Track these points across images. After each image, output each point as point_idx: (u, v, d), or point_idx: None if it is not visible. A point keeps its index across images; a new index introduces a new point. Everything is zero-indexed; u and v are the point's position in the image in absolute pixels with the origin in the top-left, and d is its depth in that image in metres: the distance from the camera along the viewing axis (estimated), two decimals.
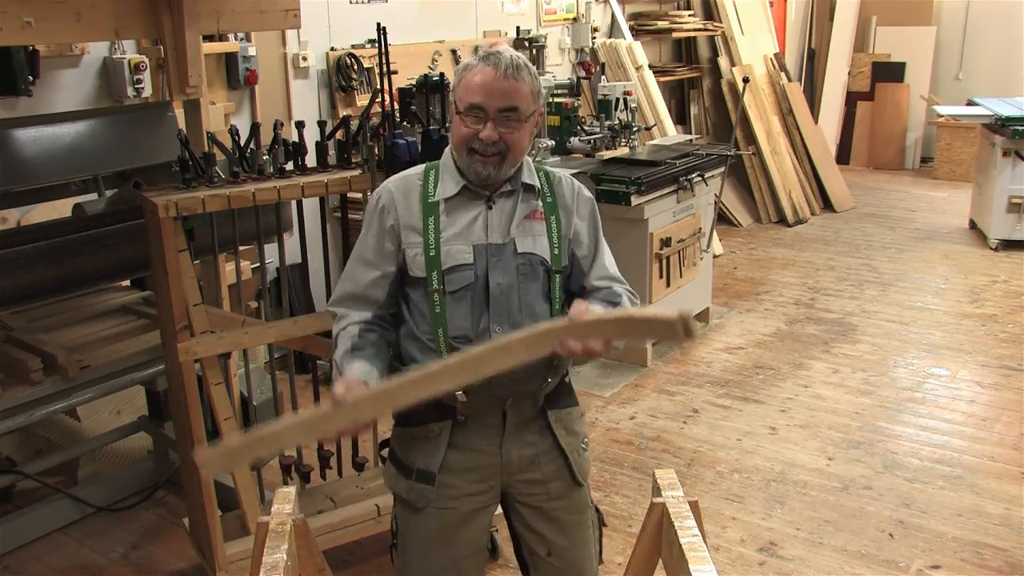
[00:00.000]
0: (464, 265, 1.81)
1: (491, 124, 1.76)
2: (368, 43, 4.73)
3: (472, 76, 1.78)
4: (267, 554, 1.57)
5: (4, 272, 2.66)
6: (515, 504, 1.93)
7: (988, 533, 3.03)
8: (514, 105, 1.77)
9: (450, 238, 1.82)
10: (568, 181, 1.95)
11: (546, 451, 1.90)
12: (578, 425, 1.97)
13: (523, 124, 1.80)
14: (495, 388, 1.79)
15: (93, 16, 2.56)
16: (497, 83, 1.75)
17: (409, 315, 1.87)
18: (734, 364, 4.49)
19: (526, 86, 1.78)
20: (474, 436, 1.86)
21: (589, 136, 4.74)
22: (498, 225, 1.85)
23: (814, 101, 8.81)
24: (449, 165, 1.88)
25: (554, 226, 1.88)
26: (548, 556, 1.93)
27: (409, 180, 1.90)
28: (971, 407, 3.97)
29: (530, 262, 1.84)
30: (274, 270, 3.66)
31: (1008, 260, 6.08)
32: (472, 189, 1.85)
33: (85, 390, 2.90)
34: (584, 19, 6.44)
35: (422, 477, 1.86)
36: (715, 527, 3.07)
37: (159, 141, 3.27)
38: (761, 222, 7.23)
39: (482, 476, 1.87)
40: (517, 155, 1.82)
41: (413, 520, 1.90)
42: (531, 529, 1.93)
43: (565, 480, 1.92)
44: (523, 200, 1.88)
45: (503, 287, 1.81)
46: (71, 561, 2.99)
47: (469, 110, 1.77)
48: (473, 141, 1.78)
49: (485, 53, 1.80)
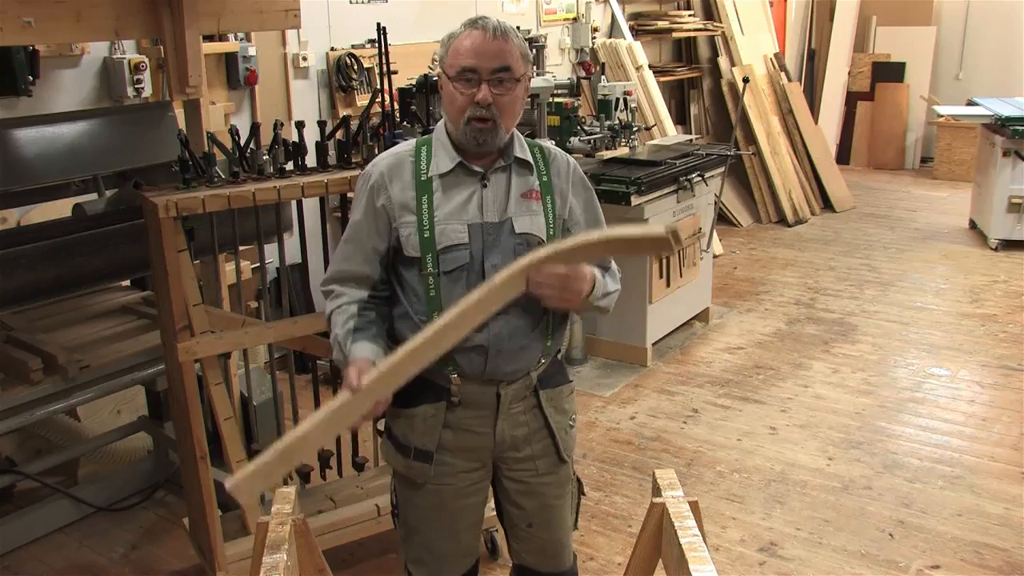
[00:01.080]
0: (459, 245, 1.80)
1: (485, 86, 1.76)
2: (368, 43, 4.73)
3: (461, 41, 1.78)
4: (267, 554, 1.57)
5: (4, 272, 2.66)
6: (502, 478, 1.98)
7: (988, 533, 3.03)
8: (506, 64, 1.77)
9: (444, 217, 1.81)
10: (563, 157, 1.96)
11: (536, 430, 1.94)
12: (567, 403, 2.00)
13: (516, 85, 1.79)
14: (490, 372, 1.84)
15: (93, 16, 2.56)
16: (487, 44, 1.76)
17: (403, 295, 1.87)
18: (734, 364, 4.49)
19: (515, 47, 1.79)
20: (468, 417, 1.88)
21: (589, 136, 4.74)
22: (493, 203, 1.84)
23: (814, 101, 8.81)
24: (443, 140, 1.86)
25: (549, 206, 1.88)
26: (528, 527, 2.00)
27: (400, 157, 1.88)
28: (971, 407, 3.97)
29: (527, 242, 1.84)
30: (274, 270, 3.66)
31: (1008, 260, 6.07)
32: (466, 166, 1.83)
33: (85, 390, 2.90)
34: (584, 19, 6.44)
35: (420, 456, 1.89)
36: (715, 527, 3.07)
37: (159, 141, 3.27)
38: (761, 222, 7.22)
39: (477, 455, 1.92)
40: (511, 119, 1.82)
41: (412, 494, 1.95)
42: (515, 504, 1.99)
43: (551, 457, 1.97)
44: (518, 175, 1.87)
45: (498, 268, 1.81)
46: (71, 561, 2.99)
47: (461, 74, 1.76)
48: (469, 108, 1.76)
49: (471, 20, 1.81)
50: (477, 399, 1.87)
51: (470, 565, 2.04)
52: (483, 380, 1.85)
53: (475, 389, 1.86)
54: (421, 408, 1.87)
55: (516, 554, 2.06)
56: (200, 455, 2.58)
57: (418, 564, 2.00)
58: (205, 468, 2.60)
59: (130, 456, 3.62)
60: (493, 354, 1.82)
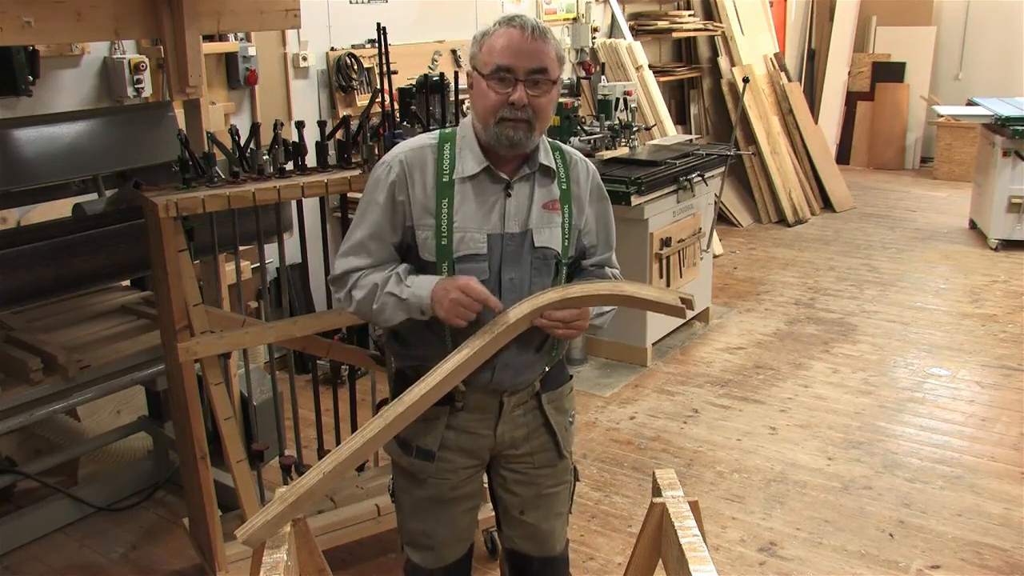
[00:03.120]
0: (477, 255, 1.77)
1: (521, 86, 1.70)
2: (368, 43, 4.73)
3: (496, 39, 1.72)
4: (267, 554, 1.58)
5: (4, 272, 2.66)
6: (499, 469, 1.98)
7: (988, 533, 3.03)
8: (543, 66, 1.72)
9: (464, 224, 1.76)
10: (583, 164, 1.92)
11: (536, 428, 1.95)
12: (567, 402, 2.01)
13: (552, 87, 1.75)
14: (496, 383, 1.84)
15: (93, 16, 2.56)
16: (525, 44, 1.70)
17: None
18: (734, 364, 4.49)
19: (552, 49, 1.74)
20: (471, 420, 1.89)
21: (589, 136, 4.74)
22: (515, 213, 1.80)
23: (814, 101, 8.81)
24: (470, 140, 1.80)
25: (567, 215, 1.85)
26: (521, 515, 2.00)
27: (423, 151, 1.81)
28: (971, 407, 3.97)
29: (544, 256, 1.83)
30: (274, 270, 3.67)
31: (1008, 260, 6.07)
32: (493, 171, 1.78)
33: (85, 390, 2.90)
34: (584, 19, 6.44)
35: (421, 455, 1.90)
36: (715, 527, 3.07)
37: (159, 141, 3.27)
38: (761, 222, 7.22)
39: (476, 453, 1.93)
40: (544, 122, 1.77)
41: (411, 488, 1.96)
42: (510, 492, 1.99)
43: (550, 452, 1.97)
44: (540, 185, 1.83)
45: (515, 282, 1.80)
46: (71, 561, 2.99)
47: (496, 72, 1.71)
48: (503, 108, 1.71)
49: (506, 17, 1.75)
50: (481, 405, 1.88)
51: (465, 549, 2.04)
52: (488, 390, 1.86)
53: (480, 396, 1.86)
54: (425, 411, 1.86)
55: (508, 539, 2.06)
56: (200, 455, 2.59)
57: (415, 547, 2.01)
58: (205, 468, 2.60)
59: (130, 456, 3.62)
60: (500, 367, 1.82)
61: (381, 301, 1.78)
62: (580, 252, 1.95)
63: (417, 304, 1.74)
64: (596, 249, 1.98)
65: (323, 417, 3.05)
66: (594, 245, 1.97)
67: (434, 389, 1.72)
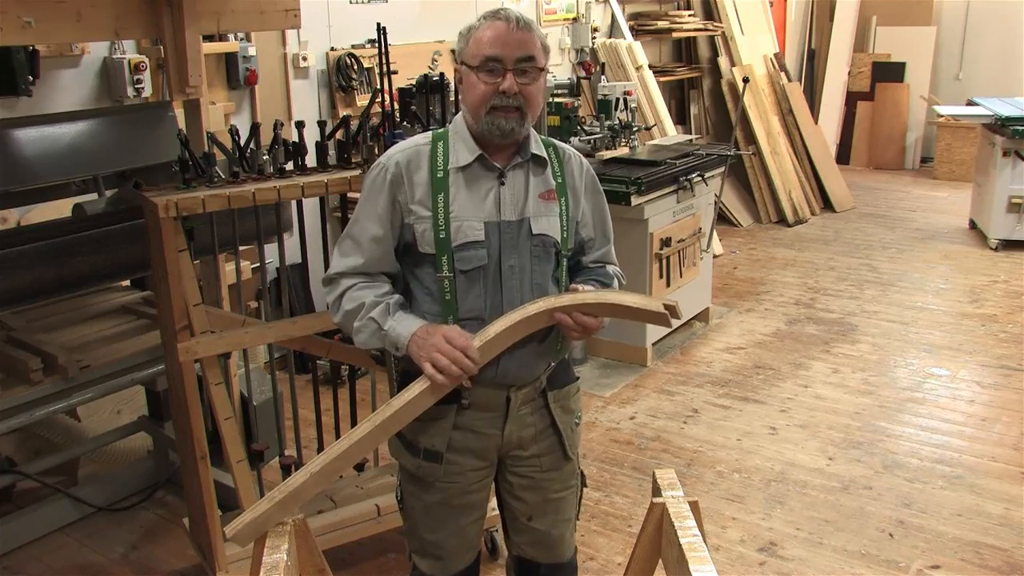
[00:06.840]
0: (476, 243, 1.79)
1: (510, 75, 1.75)
2: (368, 43, 4.73)
3: (483, 32, 1.78)
4: (267, 554, 1.58)
5: (4, 272, 2.66)
6: (507, 473, 1.98)
7: (988, 533, 3.03)
8: (530, 54, 1.77)
9: (460, 214, 1.79)
10: (576, 159, 1.96)
11: (543, 429, 1.95)
12: (574, 402, 2.01)
13: (540, 75, 1.79)
14: (501, 378, 1.84)
15: (93, 16, 2.56)
16: (511, 34, 1.76)
17: (417, 294, 1.86)
18: (734, 364, 4.49)
19: (537, 38, 1.79)
20: (478, 419, 1.89)
21: (589, 136, 4.75)
22: (511, 202, 1.82)
23: (814, 101, 8.81)
24: (462, 132, 1.83)
25: (564, 207, 1.88)
26: (528, 520, 2.00)
27: (417, 150, 1.84)
28: (971, 407, 3.97)
29: (543, 243, 1.84)
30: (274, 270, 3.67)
31: (1008, 260, 6.08)
32: (486, 160, 1.81)
33: (85, 390, 2.90)
34: (584, 19, 6.44)
35: (429, 456, 1.89)
36: (715, 527, 3.07)
37: (159, 141, 3.27)
38: (761, 222, 7.22)
39: (484, 454, 1.92)
40: (534, 109, 1.81)
41: (419, 492, 1.95)
42: (517, 498, 1.99)
43: (556, 454, 1.97)
44: (535, 174, 1.86)
45: (515, 269, 1.81)
46: (71, 561, 2.99)
47: (485, 63, 1.76)
48: (493, 97, 1.75)
49: (490, 12, 1.81)
50: (487, 402, 1.87)
51: (473, 558, 2.04)
52: (494, 384, 1.85)
53: (486, 393, 1.86)
54: (431, 409, 1.86)
55: (515, 546, 2.06)
56: (200, 455, 2.58)
57: (423, 556, 2.00)
58: (205, 468, 2.60)
59: (130, 456, 3.62)
60: (505, 360, 1.82)
61: (363, 322, 1.81)
62: (579, 246, 1.96)
63: (394, 340, 1.77)
64: (594, 243, 1.99)
65: (323, 417, 3.05)
66: (592, 238, 1.98)
67: (427, 390, 1.72)
